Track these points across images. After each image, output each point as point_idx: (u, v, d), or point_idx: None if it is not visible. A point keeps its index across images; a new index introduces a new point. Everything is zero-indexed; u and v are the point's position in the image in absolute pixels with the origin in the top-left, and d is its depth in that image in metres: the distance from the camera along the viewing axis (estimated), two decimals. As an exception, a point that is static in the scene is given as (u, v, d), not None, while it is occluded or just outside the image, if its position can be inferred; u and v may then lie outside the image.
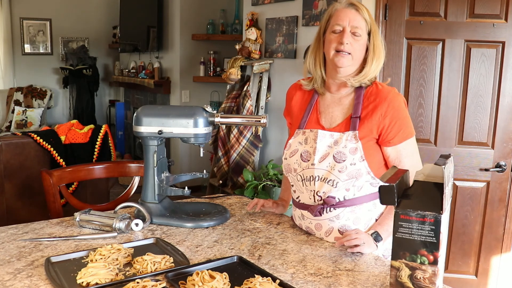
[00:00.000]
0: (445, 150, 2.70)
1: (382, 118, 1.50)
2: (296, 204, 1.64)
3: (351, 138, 1.50)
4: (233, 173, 3.73)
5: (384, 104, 1.50)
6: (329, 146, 1.52)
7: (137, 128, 1.68)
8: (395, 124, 1.50)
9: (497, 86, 2.64)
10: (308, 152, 1.55)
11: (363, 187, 1.52)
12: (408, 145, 1.53)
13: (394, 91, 1.54)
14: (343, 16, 1.51)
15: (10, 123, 6.16)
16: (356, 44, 1.51)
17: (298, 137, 1.61)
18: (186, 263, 1.33)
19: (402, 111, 1.53)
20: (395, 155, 1.53)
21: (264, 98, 3.74)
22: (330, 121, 1.58)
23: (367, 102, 1.53)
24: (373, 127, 1.51)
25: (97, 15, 6.86)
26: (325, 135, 1.54)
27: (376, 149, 1.54)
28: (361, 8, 1.52)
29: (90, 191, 3.28)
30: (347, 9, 1.52)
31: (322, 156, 1.52)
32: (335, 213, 1.53)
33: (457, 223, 2.79)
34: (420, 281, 1.12)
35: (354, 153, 1.48)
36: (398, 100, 1.53)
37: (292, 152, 1.61)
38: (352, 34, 1.50)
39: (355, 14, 1.51)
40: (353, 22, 1.50)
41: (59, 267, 1.30)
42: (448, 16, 2.64)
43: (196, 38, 5.13)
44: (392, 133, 1.51)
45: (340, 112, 1.57)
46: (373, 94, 1.54)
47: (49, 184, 1.96)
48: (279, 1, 3.59)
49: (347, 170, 1.48)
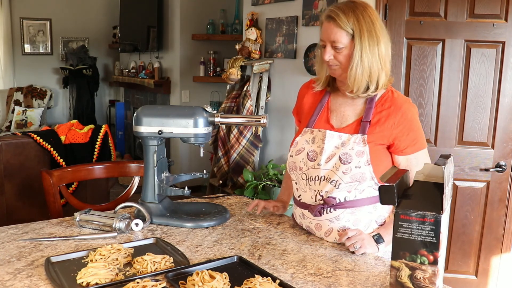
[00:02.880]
0: (445, 150, 2.70)
1: (395, 127, 1.50)
2: (297, 202, 1.64)
3: (359, 141, 1.49)
4: (233, 173, 3.73)
5: (398, 113, 1.50)
6: (336, 147, 1.52)
7: (137, 128, 1.68)
8: (408, 134, 1.51)
9: (497, 86, 2.64)
10: (315, 152, 1.55)
11: (365, 190, 1.51)
12: (419, 156, 1.53)
13: (409, 101, 1.54)
14: (323, 31, 1.52)
15: (10, 123, 6.16)
16: (339, 56, 1.50)
17: (306, 136, 1.61)
18: (186, 263, 1.33)
19: (416, 123, 1.53)
20: (405, 163, 1.53)
21: (264, 98, 3.74)
22: (341, 120, 1.58)
23: (380, 108, 1.53)
24: (384, 134, 1.51)
25: (97, 15, 6.85)
26: (333, 136, 1.54)
27: (385, 155, 1.54)
28: (340, 18, 1.47)
29: (90, 191, 3.28)
30: (326, 23, 1.50)
31: (328, 156, 1.52)
32: (335, 214, 1.53)
33: (457, 223, 2.79)
34: (420, 281, 1.12)
35: (361, 156, 1.48)
36: (412, 111, 1.53)
37: (299, 150, 1.60)
38: (334, 48, 1.50)
39: (333, 27, 1.48)
40: (331, 36, 1.49)
41: (59, 267, 1.31)
42: (448, 16, 2.64)
43: (196, 38, 5.13)
44: (405, 143, 1.51)
45: (352, 112, 1.57)
46: (388, 101, 1.53)
47: (49, 184, 1.96)
48: (279, 1, 3.59)
49: (352, 172, 1.47)
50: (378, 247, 1.47)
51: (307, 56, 3.34)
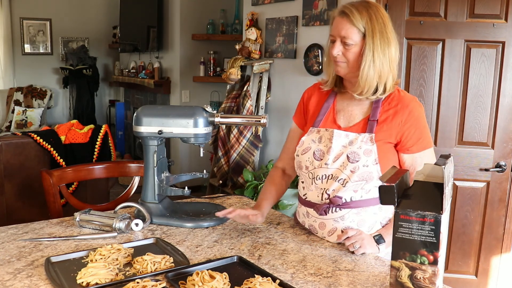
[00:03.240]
0: (445, 150, 2.70)
1: (402, 125, 1.51)
2: (302, 201, 1.64)
3: (367, 140, 1.50)
4: (233, 173, 3.73)
5: (405, 111, 1.51)
6: (344, 146, 1.52)
7: (137, 128, 1.68)
8: (414, 132, 1.51)
9: (497, 86, 2.64)
10: (322, 151, 1.55)
11: (371, 191, 1.51)
12: (425, 155, 1.53)
13: (415, 100, 1.55)
14: (334, 27, 1.51)
15: (10, 123, 6.16)
16: (348, 53, 1.50)
17: (312, 135, 1.60)
18: (186, 263, 1.33)
19: (422, 121, 1.53)
20: (410, 162, 1.53)
21: (264, 98, 3.74)
22: (348, 119, 1.58)
23: (387, 106, 1.53)
24: (392, 132, 1.51)
25: (97, 15, 6.85)
26: (340, 135, 1.53)
27: (393, 154, 1.54)
28: (353, 15, 1.47)
29: (90, 191, 3.28)
30: (339, 18, 1.50)
31: (336, 155, 1.52)
32: (340, 214, 1.52)
33: (457, 223, 2.79)
34: (420, 281, 1.12)
35: (369, 155, 1.48)
36: (419, 110, 1.53)
37: (305, 150, 1.60)
38: (343, 44, 1.50)
39: (345, 23, 1.48)
40: (342, 32, 1.48)
41: (59, 267, 1.31)
42: (448, 16, 2.64)
43: (196, 38, 5.13)
44: (412, 141, 1.51)
45: (360, 111, 1.57)
46: (395, 99, 1.53)
47: (49, 184, 1.96)
48: (279, 1, 3.59)
49: (359, 171, 1.47)
50: (379, 248, 1.46)
51: (307, 56, 3.34)
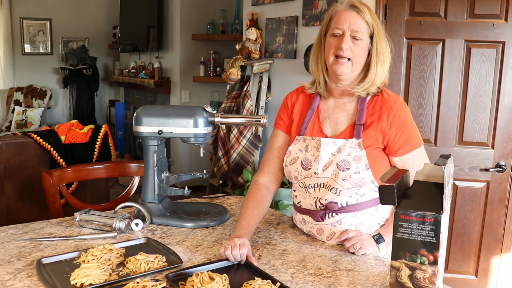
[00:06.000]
0: (445, 150, 2.70)
1: (388, 128, 1.47)
2: (297, 209, 1.62)
3: (355, 146, 1.46)
4: (233, 173, 3.73)
5: (390, 113, 1.47)
6: (332, 153, 1.49)
7: (137, 128, 1.68)
8: (401, 134, 1.47)
9: (497, 86, 2.64)
10: (309, 160, 1.51)
11: (366, 194, 1.50)
12: (415, 155, 1.49)
13: (400, 100, 1.51)
14: (343, 19, 1.45)
15: (10, 123, 6.16)
16: (356, 49, 1.45)
17: (298, 144, 1.57)
18: (178, 262, 1.34)
19: (409, 121, 1.50)
20: (401, 164, 1.49)
21: (264, 98, 3.74)
22: (334, 127, 1.53)
23: (372, 110, 1.50)
24: (379, 136, 1.48)
25: (97, 15, 6.85)
26: (328, 143, 1.50)
27: (382, 157, 1.51)
28: (363, 10, 1.45)
29: (90, 191, 3.28)
30: (348, 11, 1.45)
31: (325, 164, 1.49)
32: (337, 218, 1.51)
33: (457, 223, 2.78)
34: (420, 281, 1.12)
35: (359, 162, 1.45)
36: (404, 110, 1.49)
37: (292, 160, 1.56)
38: (352, 38, 1.45)
39: (356, 17, 1.44)
40: (353, 25, 1.44)
41: (51, 268, 1.30)
42: (448, 16, 2.64)
43: (196, 38, 5.12)
44: (399, 143, 1.48)
45: (345, 118, 1.53)
46: (379, 102, 1.50)
47: (49, 184, 1.96)
48: (279, 1, 3.59)
49: (351, 178, 1.45)
50: (379, 247, 1.46)
51: (307, 56, 3.34)
